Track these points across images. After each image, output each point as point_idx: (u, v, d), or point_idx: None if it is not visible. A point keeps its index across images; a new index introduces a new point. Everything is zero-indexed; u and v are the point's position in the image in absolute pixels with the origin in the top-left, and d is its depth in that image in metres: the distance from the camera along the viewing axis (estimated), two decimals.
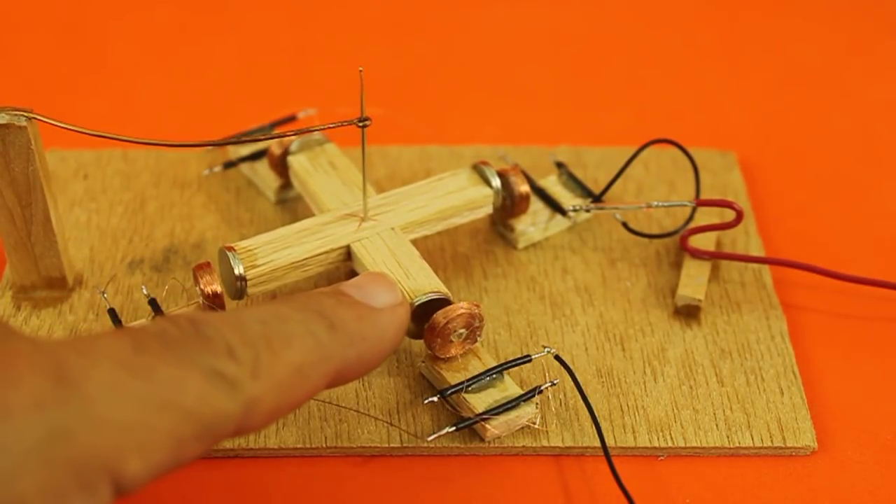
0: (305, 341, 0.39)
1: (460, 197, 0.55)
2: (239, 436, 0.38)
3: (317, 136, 0.59)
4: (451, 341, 0.51)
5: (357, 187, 0.56)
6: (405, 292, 0.50)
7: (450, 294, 0.51)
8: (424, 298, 0.50)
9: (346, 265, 0.54)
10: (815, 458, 0.51)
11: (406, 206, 0.55)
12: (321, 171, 0.57)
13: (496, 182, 0.56)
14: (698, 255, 0.58)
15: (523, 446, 0.50)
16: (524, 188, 0.57)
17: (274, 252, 0.52)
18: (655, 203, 0.58)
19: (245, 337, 0.38)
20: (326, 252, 0.53)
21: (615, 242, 0.60)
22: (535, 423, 0.50)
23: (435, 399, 0.50)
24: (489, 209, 0.57)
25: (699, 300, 0.56)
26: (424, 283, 0.51)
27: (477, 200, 0.56)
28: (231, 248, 0.52)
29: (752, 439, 0.51)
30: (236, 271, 0.51)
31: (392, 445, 0.50)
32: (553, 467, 0.50)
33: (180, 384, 0.36)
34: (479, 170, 0.56)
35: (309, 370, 0.39)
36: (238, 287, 0.51)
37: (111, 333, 0.37)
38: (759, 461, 0.51)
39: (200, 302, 0.52)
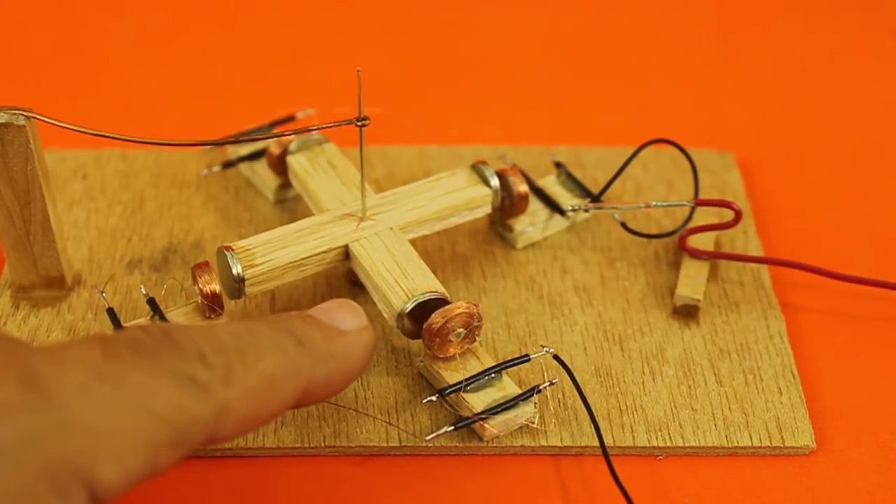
0: (276, 354, 0.40)
1: (459, 196, 0.55)
2: (211, 444, 0.38)
3: (316, 135, 0.59)
4: (450, 341, 0.51)
5: (356, 187, 0.56)
6: (403, 292, 0.50)
7: (447, 294, 0.51)
8: (422, 298, 0.50)
9: (344, 265, 0.55)
10: (813, 458, 0.51)
11: (405, 206, 0.55)
12: (320, 170, 0.57)
13: (495, 182, 0.56)
14: (697, 254, 0.58)
15: (522, 446, 0.50)
16: (523, 188, 0.57)
17: (272, 251, 0.52)
18: (654, 203, 0.58)
19: (217, 345, 0.38)
20: (324, 252, 0.53)
21: (614, 242, 0.60)
22: (533, 423, 0.50)
23: (434, 398, 0.50)
24: (488, 209, 0.56)
25: (698, 300, 0.56)
26: (422, 282, 0.51)
27: (476, 200, 0.56)
28: (229, 248, 0.52)
29: (751, 439, 0.51)
30: (234, 271, 0.51)
31: (391, 445, 0.50)
32: (551, 467, 0.50)
33: (151, 389, 0.36)
34: (477, 169, 0.56)
35: (279, 381, 0.40)
36: (236, 287, 0.52)
37: (82, 340, 0.37)
38: (757, 461, 0.51)
39: (199, 301, 0.52)
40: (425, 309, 0.50)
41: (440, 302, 0.51)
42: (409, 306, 0.50)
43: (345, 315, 0.44)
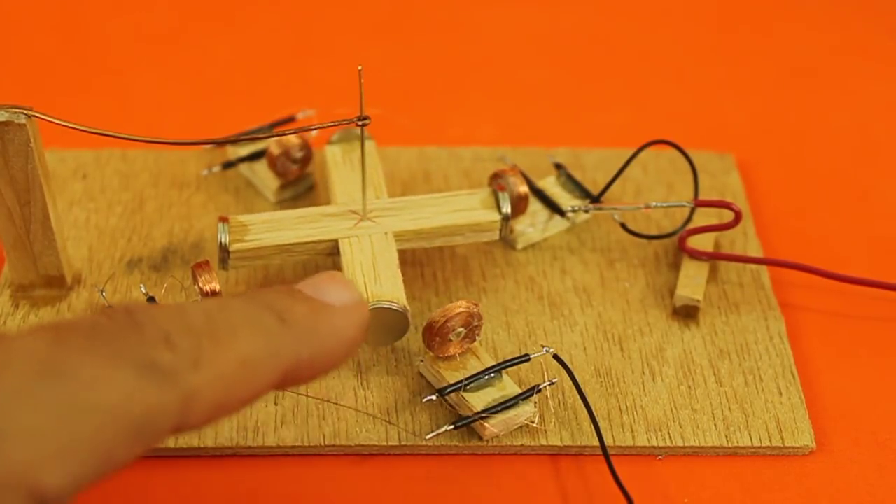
0: (254, 333, 0.36)
1: (466, 217, 0.55)
2: (178, 434, 0.35)
3: (359, 130, 0.58)
4: (450, 340, 0.51)
5: (373, 186, 0.56)
6: (367, 295, 0.50)
7: (408, 309, 0.51)
8: (377, 306, 0.50)
9: (332, 259, 0.54)
10: (813, 458, 0.51)
11: (409, 215, 0.54)
12: (347, 165, 0.57)
13: (506, 209, 0.54)
14: (697, 255, 0.58)
15: (522, 445, 0.50)
16: (523, 189, 0.57)
17: (265, 231, 0.53)
18: (654, 203, 0.58)
19: (185, 325, 0.35)
20: (315, 242, 0.53)
21: (614, 243, 0.60)
22: (533, 422, 0.50)
23: (434, 397, 0.50)
24: (495, 235, 0.55)
25: (697, 301, 0.56)
26: (388, 291, 0.51)
27: (482, 225, 0.55)
28: (225, 219, 0.53)
29: (751, 439, 0.51)
30: (220, 241, 0.52)
31: (390, 444, 0.50)
32: (551, 466, 0.50)
33: (104, 381, 0.33)
34: (495, 194, 0.55)
35: (257, 364, 0.36)
36: (221, 257, 0.52)
37: (32, 330, 0.34)
38: (757, 461, 0.51)
39: (198, 301, 0.52)
40: (385, 321, 0.51)
41: (399, 316, 0.51)
42: None
43: (334, 288, 0.39)
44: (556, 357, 0.52)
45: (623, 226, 0.59)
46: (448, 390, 0.50)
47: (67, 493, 0.32)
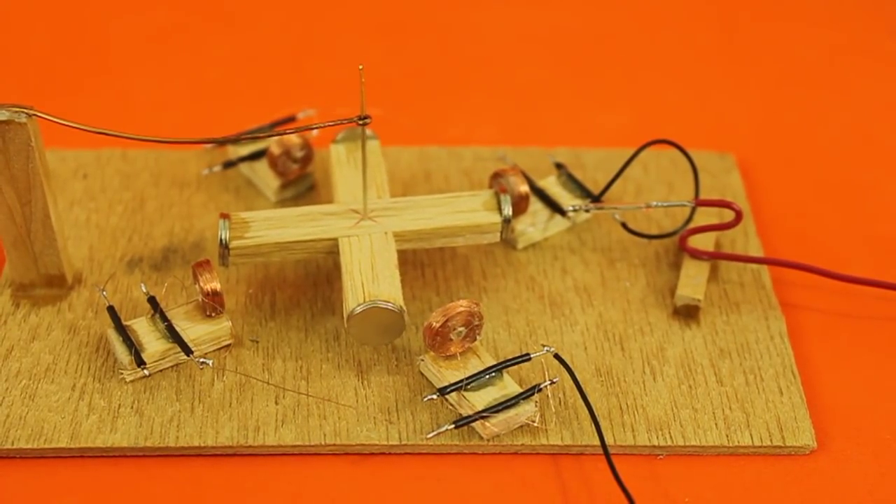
0: None
1: (467, 218, 0.55)
2: None
3: (368, 131, 0.58)
4: (451, 339, 0.51)
5: (375, 186, 0.56)
6: (363, 294, 0.51)
7: (404, 310, 0.51)
8: (373, 305, 0.50)
9: (333, 258, 0.54)
10: (814, 457, 0.51)
11: (410, 215, 0.54)
12: (351, 164, 0.57)
13: (507, 211, 0.55)
14: (697, 255, 0.58)
15: (522, 444, 0.50)
16: (523, 188, 0.57)
17: (267, 229, 0.53)
18: (655, 203, 0.58)
19: None
20: (314, 240, 0.53)
21: (614, 243, 0.60)
22: (534, 422, 0.50)
23: (434, 396, 0.50)
24: (496, 237, 0.55)
25: (698, 300, 0.56)
26: (385, 291, 0.51)
27: (483, 227, 0.55)
28: (226, 216, 0.53)
29: (752, 438, 0.51)
30: (221, 237, 0.52)
31: (391, 443, 0.50)
32: (552, 466, 0.50)
33: None
34: (497, 196, 0.55)
35: None
36: (221, 254, 0.53)
37: None
38: (758, 460, 0.51)
39: (200, 300, 0.52)
40: (381, 321, 0.51)
41: (395, 316, 0.51)
42: (359, 309, 0.50)
43: None
44: (556, 356, 0.52)
45: (624, 225, 0.59)
46: (449, 389, 0.50)
47: None
